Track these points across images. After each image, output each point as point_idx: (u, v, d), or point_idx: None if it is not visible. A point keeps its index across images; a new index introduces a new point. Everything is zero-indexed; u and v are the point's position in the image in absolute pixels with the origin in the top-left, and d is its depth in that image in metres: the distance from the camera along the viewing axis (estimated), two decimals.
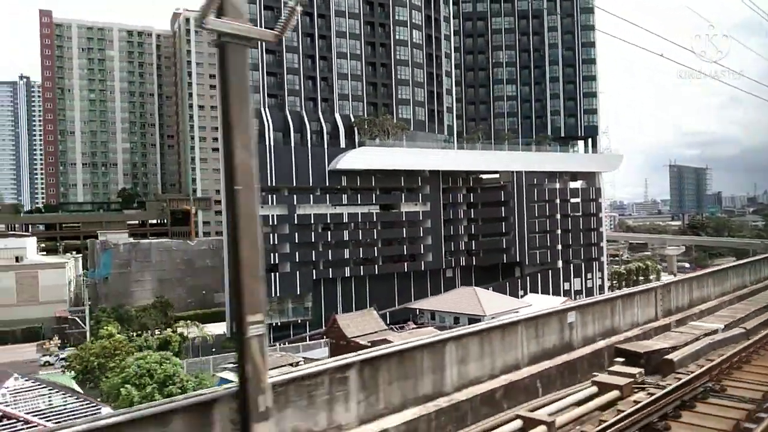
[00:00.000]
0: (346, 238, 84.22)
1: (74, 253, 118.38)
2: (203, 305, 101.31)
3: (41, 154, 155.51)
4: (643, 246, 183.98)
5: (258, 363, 5.70)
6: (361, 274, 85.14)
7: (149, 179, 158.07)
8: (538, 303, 58.08)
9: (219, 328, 76.06)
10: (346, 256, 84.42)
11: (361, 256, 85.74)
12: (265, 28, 6.32)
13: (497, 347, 10.24)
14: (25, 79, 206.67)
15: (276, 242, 79.51)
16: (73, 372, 48.59)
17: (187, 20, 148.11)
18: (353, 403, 8.07)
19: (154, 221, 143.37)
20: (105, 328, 63.10)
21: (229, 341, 65.91)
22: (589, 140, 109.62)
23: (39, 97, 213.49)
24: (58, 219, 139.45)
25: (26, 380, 37.74)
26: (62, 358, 70.08)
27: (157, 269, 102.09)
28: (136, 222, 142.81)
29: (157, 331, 71.14)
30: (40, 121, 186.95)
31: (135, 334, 66.78)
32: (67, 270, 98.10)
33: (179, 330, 64.99)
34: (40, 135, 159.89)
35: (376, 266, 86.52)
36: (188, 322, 68.64)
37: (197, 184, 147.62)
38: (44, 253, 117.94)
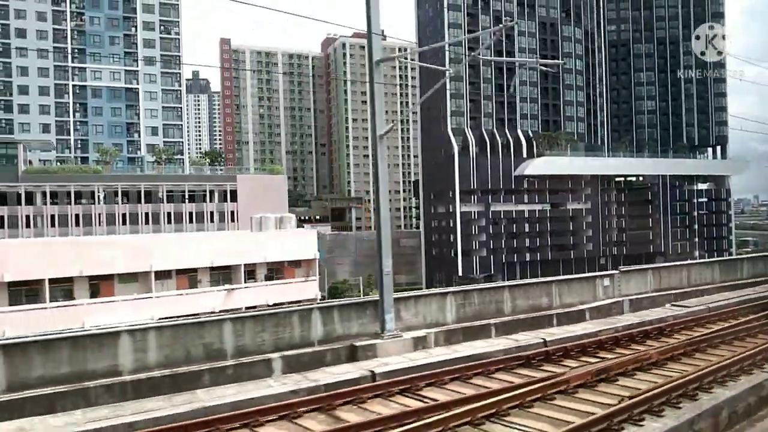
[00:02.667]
0: (526, 230, 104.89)
1: None
2: None
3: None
4: (744, 243, 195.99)
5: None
6: (538, 259, 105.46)
7: (306, 181, 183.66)
8: None
9: None
10: (526, 244, 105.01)
11: (537, 244, 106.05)
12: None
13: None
14: (207, 94, 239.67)
15: (476, 232, 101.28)
16: None
17: (344, 45, 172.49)
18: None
19: (317, 217, 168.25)
20: (372, 292, 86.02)
21: None
22: (718, 147, 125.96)
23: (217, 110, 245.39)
24: None
25: None
26: None
27: (351, 254, 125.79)
28: (301, 218, 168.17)
29: None
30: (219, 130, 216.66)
31: None
32: None
33: None
34: (221, 143, 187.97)
35: (548, 253, 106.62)
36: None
37: (351, 186, 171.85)
38: None
